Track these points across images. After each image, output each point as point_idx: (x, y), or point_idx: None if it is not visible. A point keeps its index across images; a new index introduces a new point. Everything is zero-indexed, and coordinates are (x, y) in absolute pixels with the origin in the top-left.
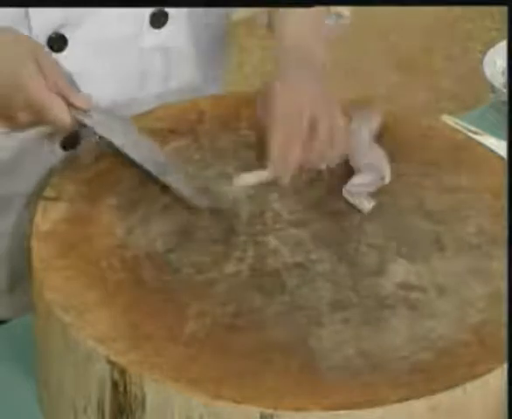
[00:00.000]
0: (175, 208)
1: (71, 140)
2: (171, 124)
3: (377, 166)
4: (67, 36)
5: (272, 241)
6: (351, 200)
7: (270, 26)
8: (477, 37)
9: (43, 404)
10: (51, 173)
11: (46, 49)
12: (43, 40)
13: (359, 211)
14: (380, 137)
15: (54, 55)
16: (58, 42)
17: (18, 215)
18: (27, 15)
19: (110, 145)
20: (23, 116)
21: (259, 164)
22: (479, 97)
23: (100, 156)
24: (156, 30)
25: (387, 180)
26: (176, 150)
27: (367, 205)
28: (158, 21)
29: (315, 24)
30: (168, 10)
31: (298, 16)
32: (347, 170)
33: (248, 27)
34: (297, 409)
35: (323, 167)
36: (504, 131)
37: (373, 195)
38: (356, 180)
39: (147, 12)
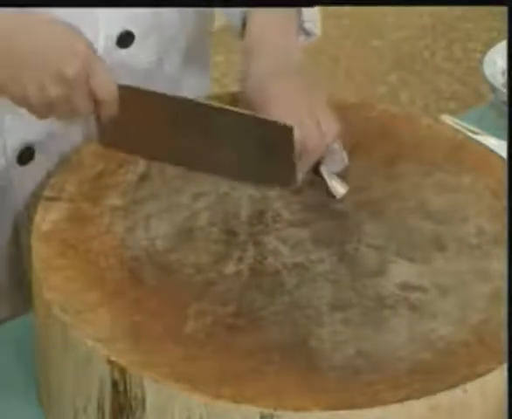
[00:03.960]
0: (174, 207)
1: (27, 155)
2: None
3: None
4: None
5: (272, 241)
6: (328, 181)
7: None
8: (477, 37)
9: (43, 404)
10: (51, 173)
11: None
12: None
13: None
14: (380, 138)
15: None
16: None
17: (17, 215)
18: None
19: None
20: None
21: None
22: (479, 97)
23: (100, 156)
24: (123, 51)
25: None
26: None
27: (340, 190)
28: (124, 41)
29: (284, 24)
30: (134, 30)
31: (264, 16)
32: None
33: None
34: (297, 409)
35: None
36: (504, 131)
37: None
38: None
39: (114, 32)
